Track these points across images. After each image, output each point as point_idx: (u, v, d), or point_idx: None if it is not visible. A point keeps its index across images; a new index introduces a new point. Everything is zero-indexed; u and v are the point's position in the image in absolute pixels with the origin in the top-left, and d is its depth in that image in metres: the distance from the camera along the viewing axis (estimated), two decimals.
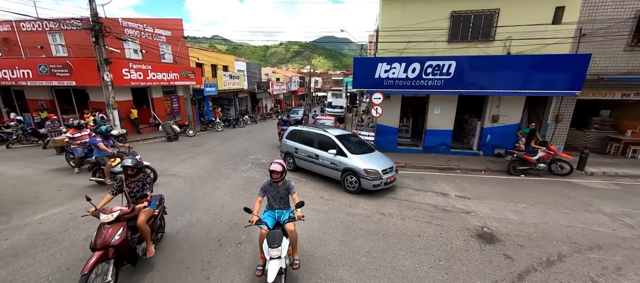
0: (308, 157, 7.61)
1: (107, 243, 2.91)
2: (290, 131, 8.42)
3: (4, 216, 4.69)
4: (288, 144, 8.23)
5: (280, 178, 3.39)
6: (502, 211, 5.46)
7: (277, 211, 3.53)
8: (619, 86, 9.00)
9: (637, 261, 3.85)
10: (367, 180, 6.21)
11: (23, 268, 3.41)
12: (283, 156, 8.46)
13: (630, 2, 8.43)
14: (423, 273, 3.51)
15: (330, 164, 6.96)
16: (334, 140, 7.07)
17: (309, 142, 7.67)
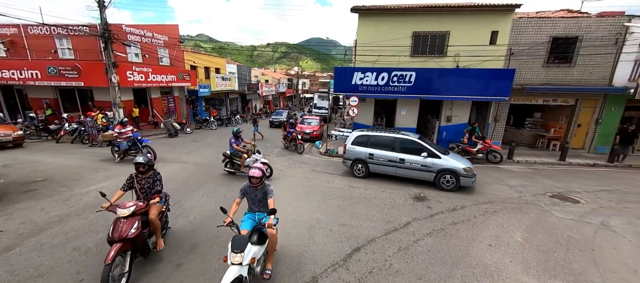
0: (389, 162, 7.64)
1: (124, 236, 3.04)
2: (357, 137, 8.19)
3: (65, 187, 6.20)
4: (357, 151, 8.04)
5: (259, 182, 3.39)
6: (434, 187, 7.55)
7: (258, 213, 3.54)
8: (539, 94, 11.54)
9: (507, 209, 5.99)
10: (467, 178, 6.82)
11: (91, 218, 5.02)
12: (350, 164, 8.25)
13: (546, 30, 10.97)
14: (371, 215, 5.44)
15: (421, 167, 7.25)
16: (422, 143, 7.39)
17: (388, 147, 7.73)
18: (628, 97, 10.90)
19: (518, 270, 3.76)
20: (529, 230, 4.99)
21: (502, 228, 5.06)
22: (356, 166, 8.17)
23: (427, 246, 4.31)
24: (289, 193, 6.56)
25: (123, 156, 8.60)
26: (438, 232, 4.81)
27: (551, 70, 11.31)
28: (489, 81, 10.80)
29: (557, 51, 11.20)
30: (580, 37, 10.84)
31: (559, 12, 13.21)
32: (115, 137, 8.62)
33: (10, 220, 4.55)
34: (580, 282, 3.57)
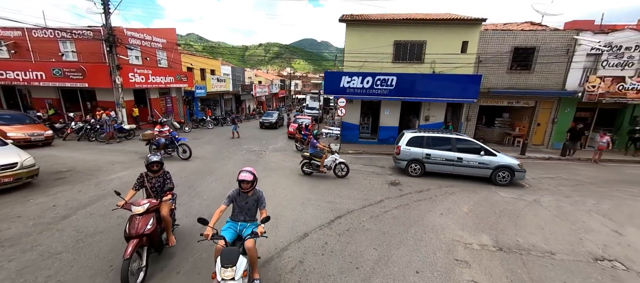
0: (447, 161, 8.07)
1: (140, 232, 3.16)
2: (412, 138, 8.46)
3: (90, 176, 7.17)
4: (413, 151, 8.34)
5: (251, 187, 3.14)
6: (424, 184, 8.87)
7: (240, 223, 3.24)
8: (503, 97, 13.13)
9: (463, 191, 7.34)
10: (520, 172, 7.53)
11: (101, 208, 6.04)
12: (405, 165, 8.49)
13: (508, 41, 12.55)
14: (353, 195, 6.67)
15: (479, 164, 7.80)
16: (477, 143, 8.04)
17: (445, 147, 8.14)
18: (578, 100, 12.62)
19: (457, 228, 5.07)
20: (475, 205, 6.34)
21: (454, 203, 6.39)
22: (411, 166, 8.44)
23: (393, 215, 5.58)
24: (285, 180, 7.74)
25: (161, 156, 9.44)
26: (404, 206, 6.10)
27: (513, 76, 12.92)
28: (460, 85, 12.29)
29: (519, 59, 12.81)
30: (537, 48, 12.47)
31: (523, 24, 14.92)
32: (155, 136, 9.47)
33: (57, 199, 5.54)
34: (499, 234, 4.90)
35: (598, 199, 6.97)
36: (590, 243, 4.71)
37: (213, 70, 26.03)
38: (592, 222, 5.60)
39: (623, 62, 12.26)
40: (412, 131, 8.94)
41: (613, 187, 8.07)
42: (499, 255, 4.21)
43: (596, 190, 7.79)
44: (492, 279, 3.62)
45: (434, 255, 4.14)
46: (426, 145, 8.30)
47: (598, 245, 4.65)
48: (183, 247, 4.05)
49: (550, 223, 5.47)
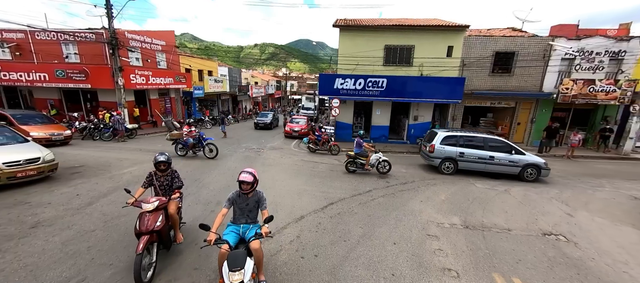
0: (479, 159, 8.59)
1: (150, 228, 3.25)
2: (446, 137, 8.92)
3: (103, 170, 7.78)
4: (447, 150, 8.79)
5: (251, 189, 3.13)
6: (398, 169, 9.66)
7: (242, 225, 3.24)
8: (486, 98, 14.08)
9: (444, 183, 8.15)
10: (545, 170, 8.29)
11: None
12: (439, 163, 8.93)
13: (490, 46, 13.49)
14: (344, 186, 7.41)
15: (509, 162, 8.39)
16: (508, 143, 8.68)
17: (478, 146, 8.65)
18: (554, 101, 13.63)
19: (433, 212, 5.87)
20: (452, 194, 7.16)
21: (434, 193, 7.20)
22: (445, 164, 8.89)
23: (379, 202, 6.36)
24: (283, 174, 8.45)
25: (186, 152, 10.02)
26: (389, 195, 6.88)
27: (495, 78, 13.88)
28: (446, 86, 13.19)
29: (500, 63, 13.77)
30: (516, 52, 13.45)
31: (505, 30, 15.93)
32: (184, 136, 9.94)
33: (78, 189, 6.16)
34: (467, 216, 5.71)
35: (561, 189, 7.87)
36: (543, 223, 5.55)
37: (210, 71, 26.55)
38: (551, 207, 6.47)
39: (594, 66, 13.31)
40: (445, 130, 9.40)
41: (578, 179, 9.00)
42: (465, 232, 5.01)
43: (562, 181, 8.71)
44: (455, 248, 4.41)
45: (410, 232, 4.92)
46: (460, 145, 8.77)
47: (549, 224, 5.49)
48: (189, 243, 4.17)
49: (513, 208, 6.31)
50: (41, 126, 10.55)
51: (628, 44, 12.94)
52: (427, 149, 9.34)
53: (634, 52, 12.94)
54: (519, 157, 8.46)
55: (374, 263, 3.93)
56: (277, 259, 3.92)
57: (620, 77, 13.06)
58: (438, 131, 9.34)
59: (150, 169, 4.02)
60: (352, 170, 8.84)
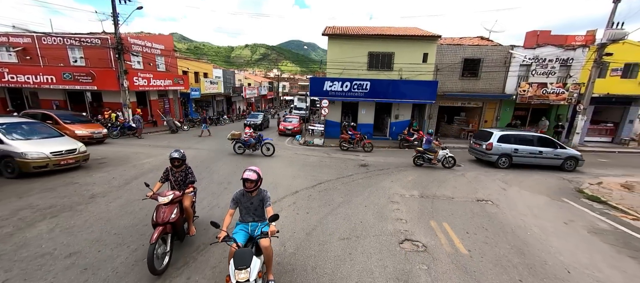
0: (530, 154, 9.96)
1: (166, 220, 3.46)
2: (501, 136, 10.13)
3: (125, 162, 9.06)
4: (503, 147, 10.07)
5: (255, 187, 3.14)
6: (378, 159, 11.33)
7: (251, 224, 3.30)
8: (457, 99, 16.00)
9: (414, 169, 9.85)
10: (581, 161, 9.85)
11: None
12: (496, 159, 10.07)
13: (459, 53, 15.41)
14: (331, 172, 8.97)
15: (554, 156, 9.83)
16: (552, 139, 10.25)
17: (529, 142, 10.02)
18: (514, 102, 15.68)
19: (399, 188, 7.51)
20: (418, 176, 8.85)
21: (404, 176, 8.87)
22: (501, 159, 10.11)
23: (358, 182, 7.96)
24: (280, 164, 9.95)
25: (244, 151, 11.30)
26: (367, 178, 8.50)
27: (464, 81, 15.82)
28: (421, 89, 15.00)
29: (468, 68, 15.72)
30: (482, 59, 15.42)
31: (475, 39, 17.96)
32: (245, 136, 11.17)
33: (111, 174, 7.47)
34: (425, 190, 7.38)
35: (506, 173, 9.71)
36: (481, 194, 7.29)
37: (206, 73, 27.66)
38: (492, 185, 8.25)
39: (547, 71, 15.45)
40: (500, 130, 10.62)
41: (524, 166, 10.90)
42: (419, 199, 6.67)
43: (510, 168, 10.57)
44: (408, 208, 6.05)
45: (378, 199, 6.53)
46: (513, 142, 10.07)
47: (484, 194, 7.24)
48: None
49: (462, 185, 8.05)
50: (83, 125, 11.67)
51: (574, 52, 15.13)
52: (483, 147, 10.45)
53: (580, 59, 15.13)
54: (562, 151, 9.90)
55: (349, 216, 5.51)
56: (281, 218, 5.43)
57: (568, 81, 15.23)
58: (492, 131, 10.56)
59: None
60: (419, 164, 10.07)
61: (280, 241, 4.40)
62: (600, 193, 7.60)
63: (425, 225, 5.25)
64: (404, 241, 4.61)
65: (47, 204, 5.34)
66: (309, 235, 4.71)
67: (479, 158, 10.98)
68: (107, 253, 3.88)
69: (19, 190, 6.00)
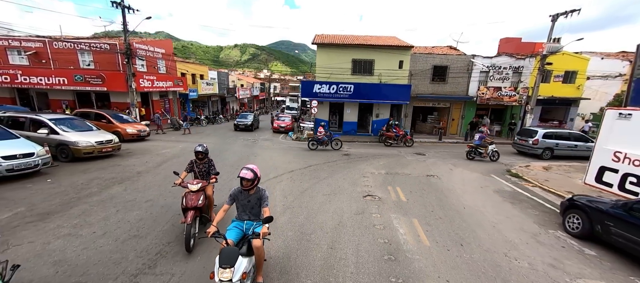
0: (568, 147, 12.35)
1: (195, 205, 3.98)
2: (545, 133, 12.44)
3: (148, 153, 10.85)
4: (547, 142, 12.35)
5: (252, 185, 3.12)
6: (359, 150, 13.58)
7: (246, 222, 3.28)
8: (428, 100, 18.55)
9: (387, 157, 12.15)
10: None
11: (182, 161, 9.91)
12: (541, 152, 12.31)
13: (429, 61, 17.96)
14: (319, 159, 11.12)
15: (586, 148, 11.65)
16: (583, 135, 12.72)
17: (566, 138, 12.43)
18: (476, 103, 18.37)
19: (371, 169, 9.74)
20: (389, 161, 11.13)
21: (377, 161, 11.13)
22: (545, 152, 12.32)
23: (340, 165, 10.14)
24: (276, 153, 12.00)
25: (317, 146, 13.37)
26: (348, 162, 10.70)
27: (434, 85, 18.39)
28: (398, 91, 17.41)
29: (437, 74, 18.29)
30: (448, 66, 18.02)
31: (444, 48, 20.62)
32: (320, 135, 13.29)
33: (142, 160, 9.30)
34: (390, 169, 9.64)
35: (459, 160, 12.17)
36: (432, 172, 9.64)
37: (202, 75, 29.22)
38: (443, 166, 10.64)
39: (502, 77, 18.24)
40: (544, 128, 13.05)
41: (484, 164, 13.41)
42: (385, 175, 8.92)
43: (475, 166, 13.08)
44: (375, 180, 8.27)
45: (353, 175, 8.73)
46: (554, 138, 12.44)
47: (435, 173, 9.58)
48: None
49: (421, 166, 10.40)
50: (132, 124, 13.31)
51: (524, 61, 18.00)
52: (530, 143, 12.77)
53: (529, 67, 18.01)
54: (592, 144, 11.86)
55: (331, 184, 7.68)
56: (282, 185, 7.52)
57: (519, 86, 18.08)
58: (536, 129, 13.02)
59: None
60: (470, 158, 11.99)
61: (282, 194, 6.51)
62: (522, 172, 10.11)
63: (384, 188, 7.48)
64: (366, 195, 6.83)
65: (109, 176, 7.22)
66: (302, 193, 6.84)
67: (524, 151, 13.33)
68: (169, 200, 5.86)
69: (78, 169, 7.81)
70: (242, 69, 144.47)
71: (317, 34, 18.97)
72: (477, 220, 5.72)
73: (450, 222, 5.52)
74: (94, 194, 6.04)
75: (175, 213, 5.20)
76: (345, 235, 4.82)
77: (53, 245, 4.01)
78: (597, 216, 4.81)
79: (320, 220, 5.33)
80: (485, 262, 4.17)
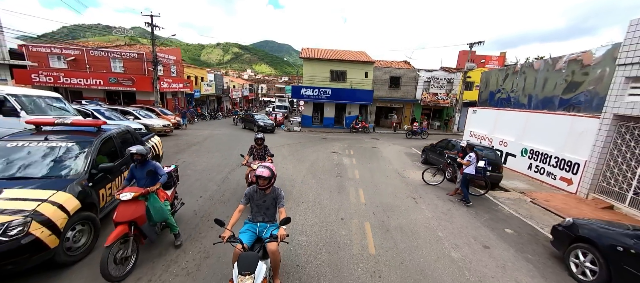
0: None
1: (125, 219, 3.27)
2: None
3: (189, 134, 15.75)
4: None
5: (268, 184, 3.02)
6: (333, 136, 19.20)
7: (260, 224, 3.15)
8: (387, 102, 24.72)
9: (352, 141, 17.92)
10: None
11: (213, 140, 14.98)
12: None
13: (387, 73, 24.10)
14: (305, 140, 16.63)
15: None
16: None
17: None
18: (421, 105, 24.79)
19: (339, 143, 15.40)
20: (351, 141, 16.85)
21: (345, 141, 16.82)
22: None
23: (320, 144, 15.68)
24: (277, 138, 17.29)
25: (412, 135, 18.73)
26: (325, 142, 16.26)
27: (391, 91, 24.57)
28: (364, 95, 23.32)
29: (393, 82, 24.47)
30: (401, 76, 24.27)
31: (400, 62, 26.98)
32: (413, 128, 18.36)
33: (191, 137, 14.27)
34: (350, 144, 15.35)
35: (399, 140, 18.17)
36: (375, 145, 15.47)
37: (202, 77, 33.60)
38: (385, 143, 16.52)
39: (439, 85, 24.80)
40: None
41: (415, 141, 19.59)
42: (346, 146, 14.59)
43: (407, 143, 19.17)
44: (340, 147, 13.90)
45: (324, 152, 14.19)
46: None
47: (377, 146, 15.41)
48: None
49: (370, 143, 16.23)
50: (170, 116, 17.69)
51: (455, 75, 24.66)
52: None
53: (457, 79, 24.70)
54: None
55: (315, 151, 13.19)
56: (283, 149, 12.91)
57: (450, 93, 24.74)
58: None
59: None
60: (408, 137, 18.42)
61: (287, 152, 11.99)
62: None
63: (343, 150, 13.14)
64: (332, 152, 12.45)
65: (184, 142, 12.23)
66: (297, 151, 12.32)
67: None
68: (226, 152, 11.07)
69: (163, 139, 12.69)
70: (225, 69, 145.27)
71: (303, 48, 24.45)
72: (385, 158, 11.54)
73: (370, 159, 11.28)
74: (187, 148, 11.13)
75: (234, 160, 10.46)
76: (319, 160, 10.40)
77: (188, 160, 9.17)
78: None
79: (307, 157, 10.88)
80: (379, 170, 9.82)
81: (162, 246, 4.01)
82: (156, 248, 3.92)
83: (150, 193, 3.61)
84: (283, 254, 3.75)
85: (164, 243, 4.09)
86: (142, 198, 3.52)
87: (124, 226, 3.23)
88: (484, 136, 12.96)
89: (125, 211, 3.29)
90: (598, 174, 7.26)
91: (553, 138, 8.80)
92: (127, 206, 3.33)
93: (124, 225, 3.24)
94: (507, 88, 12.70)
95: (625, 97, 6.67)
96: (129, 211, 3.30)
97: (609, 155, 7.09)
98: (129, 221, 3.27)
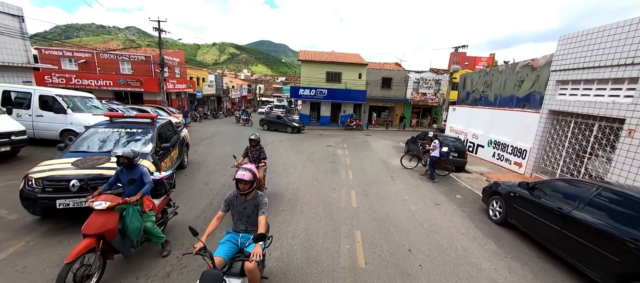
0: None
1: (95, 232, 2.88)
2: None
3: (199, 130, 17.31)
4: None
5: (250, 189, 2.70)
6: (329, 133, 20.91)
7: (242, 235, 2.81)
8: (379, 101, 26.50)
9: (345, 136, 19.65)
10: None
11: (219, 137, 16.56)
12: None
13: (380, 74, 25.87)
14: (304, 137, 18.30)
15: None
16: None
17: None
18: (411, 104, 26.63)
19: (334, 138, 17.12)
20: (346, 137, 18.59)
21: (339, 137, 18.54)
22: None
23: (317, 139, 17.39)
24: (275, 135, 18.94)
25: None
26: (319, 138, 17.96)
27: (383, 91, 26.36)
28: (358, 94, 25.07)
29: (385, 83, 26.26)
30: (393, 77, 26.07)
31: (392, 64, 28.80)
32: None
33: (200, 131, 15.83)
34: (345, 143, 17.07)
35: (390, 135, 19.95)
36: (366, 141, 17.22)
37: (203, 78, 35.03)
38: (376, 139, 18.29)
39: (428, 86, 26.67)
40: None
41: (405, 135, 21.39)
42: (340, 141, 16.31)
43: (395, 137, 20.93)
44: (335, 142, 15.61)
45: (320, 145, 15.92)
46: None
47: (368, 141, 17.17)
48: None
49: (363, 139, 17.97)
50: (178, 115, 19.14)
51: (442, 76, 26.55)
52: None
53: (444, 80, 26.58)
54: None
55: (311, 145, 14.88)
56: (284, 143, 14.56)
57: (438, 92, 26.62)
58: None
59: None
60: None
61: (288, 146, 13.68)
62: None
63: (338, 145, 14.84)
64: (328, 145, 14.15)
65: (196, 135, 13.80)
66: (296, 145, 14.00)
67: None
68: (236, 144, 12.69)
69: None
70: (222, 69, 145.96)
71: (301, 51, 26.10)
72: (374, 149, 13.29)
73: (361, 150, 13.00)
74: (200, 141, 12.74)
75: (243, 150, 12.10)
76: (316, 151, 12.09)
77: (205, 150, 10.77)
78: None
79: (306, 149, 12.58)
80: (367, 158, 11.53)
81: (146, 255, 3.61)
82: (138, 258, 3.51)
83: (128, 204, 3.17)
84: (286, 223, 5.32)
85: (148, 253, 3.66)
86: (119, 208, 3.11)
87: (91, 239, 2.83)
88: (461, 131, 14.76)
89: (94, 222, 2.90)
90: (539, 158, 9.08)
91: (510, 130, 10.61)
92: (98, 216, 2.94)
93: (92, 238, 2.84)
94: (479, 89, 14.53)
95: (556, 96, 8.50)
96: (98, 222, 2.90)
97: (546, 142, 8.92)
98: (97, 234, 2.87)
